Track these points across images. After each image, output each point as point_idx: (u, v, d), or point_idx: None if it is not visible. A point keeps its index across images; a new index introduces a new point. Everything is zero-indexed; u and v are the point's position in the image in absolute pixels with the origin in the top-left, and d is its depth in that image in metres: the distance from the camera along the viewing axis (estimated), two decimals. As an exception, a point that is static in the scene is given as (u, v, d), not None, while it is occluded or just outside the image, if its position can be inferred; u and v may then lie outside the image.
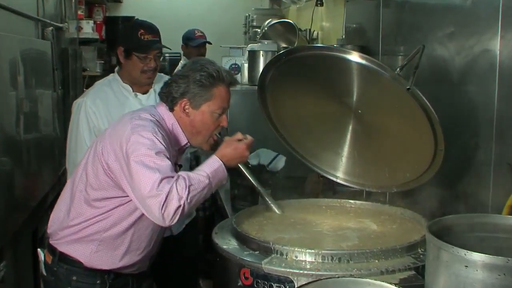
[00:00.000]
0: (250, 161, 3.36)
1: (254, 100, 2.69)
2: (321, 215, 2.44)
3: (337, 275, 1.79)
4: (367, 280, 1.68)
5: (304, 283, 1.72)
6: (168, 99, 2.22)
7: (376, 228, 2.29)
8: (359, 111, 2.44)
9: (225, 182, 2.17)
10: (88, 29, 6.26)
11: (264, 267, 1.89)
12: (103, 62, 6.72)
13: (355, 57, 2.22)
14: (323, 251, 1.90)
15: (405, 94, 2.11)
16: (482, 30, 2.19)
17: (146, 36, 2.79)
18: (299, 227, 2.30)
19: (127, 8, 8.13)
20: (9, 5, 3.04)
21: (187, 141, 2.25)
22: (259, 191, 2.49)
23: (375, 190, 2.58)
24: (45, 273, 2.26)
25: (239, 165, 2.53)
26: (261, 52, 4.03)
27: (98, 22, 6.87)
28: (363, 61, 2.19)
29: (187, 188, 1.93)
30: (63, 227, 2.21)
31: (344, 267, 1.86)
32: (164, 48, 2.86)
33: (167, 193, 1.90)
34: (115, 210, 2.14)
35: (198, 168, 2.08)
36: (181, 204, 1.91)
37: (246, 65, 4.20)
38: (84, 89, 5.02)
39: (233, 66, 4.48)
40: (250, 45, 4.35)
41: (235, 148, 2.18)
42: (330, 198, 2.65)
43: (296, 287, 1.84)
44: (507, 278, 1.42)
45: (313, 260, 1.89)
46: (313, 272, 1.84)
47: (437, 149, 2.17)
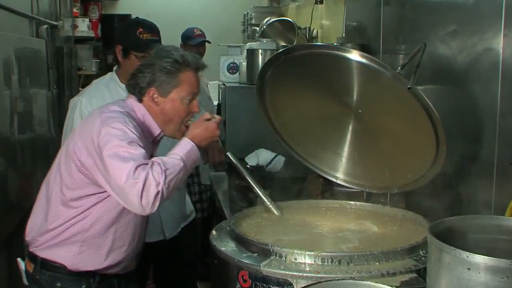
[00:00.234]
0: (249, 161, 3.37)
1: (253, 100, 2.69)
2: (321, 217, 2.44)
3: (337, 278, 1.79)
4: (368, 282, 1.68)
5: (303, 285, 1.72)
6: (136, 90, 2.23)
7: (376, 229, 2.29)
8: (359, 110, 2.44)
9: (198, 163, 2.18)
10: (83, 27, 6.27)
11: (263, 270, 1.88)
12: (98, 60, 6.73)
13: (355, 55, 2.21)
14: (323, 253, 1.90)
15: (406, 93, 2.11)
16: (485, 28, 2.19)
17: (145, 35, 2.79)
18: (299, 228, 2.29)
19: (123, 6, 8.13)
20: (3, 2, 3.05)
21: (160, 131, 2.25)
22: (258, 192, 2.49)
23: (375, 191, 2.57)
24: (26, 283, 2.23)
25: (238, 165, 2.54)
26: (260, 50, 4.03)
27: (94, 20, 6.88)
28: (364, 60, 2.19)
29: (163, 173, 1.94)
30: (42, 232, 2.19)
31: (344, 269, 1.86)
32: None
33: (144, 180, 1.90)
34: (93, 208, 2.13)
35: (170, 152, 2.09)
36: (159, 190, 1.92)
37: (245, 64, 4.20)
38: (80, 89, 5.03)
39: (231, 65, 4.48)
40: (248, 43, 4.35)
41: (205, 127, 2.18)
42: (330, 199, 2.65)
43: (295, 290, 1.84)
44: (511, 281, 1.41)
45: (313, 262, 1.89)
46: (313, 275, 1.83)
47: (439, 149, 2.17)
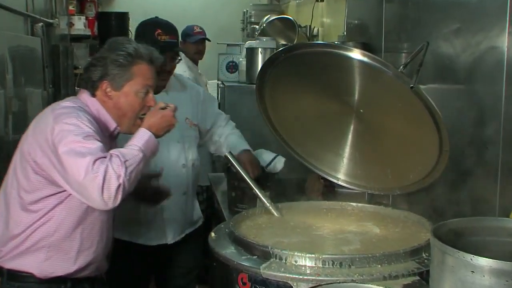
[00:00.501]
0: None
1: (252, 99, 2.69)
2: (322, 218, 2.44)
3: (338, 281, 1.78)
4: (369, 285, 1.68)
5: (304, 289, 1.72)
6: (88, 84, 2.22)
7: (378, 231, 2.29)
8: (361, 110, 2.44)
9: (156, 153, 2.17)
10: (79, 25, 6.27)
11: (263, 272, 1.88)
12: (95, 59, 6.71)
13: (356, 54, 2.21)
14: (324, 256, 1.90)
15: (408, 92, 2.11)
16: (489, 26, 2.19)
17: (163, 37, 2.79)
18: (299, 230, 2.29)
19: (121, 3, 8.14)
20: (-3, 0, 3.04)
21: (116, 125, 2.24)
22: (257, 193, 2.49)
23: (377, 192, 2.58)
24: None
25: (237, 166, 2.54)
26: (260, 49, 4.04)
27: (90, 18, 6.87)
28: (365, 59, 2.19)
29: (123, 165, 1.93)
30: (4, 241, 2.15)
31: (345, 272, 1.86)
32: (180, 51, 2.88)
33: (103, 173, 1.89)
34: (55, 211, 2.11)
35: (128, 144, 2.08)
36: (121, 183, 1.91)
37: (244, 63, 4.21)
38: (77, 88, 5.02)
39: (231, 64, 4.48)
40: (248, 42, 4.35)
41: (161, 116, 2.18)
42: (331, 200, 2.65)
43: (295, 293, 1.84)
44: (515, 283, 1.42)
45: (313, 265, 1.89)
46: (313, 278, 1.83)
47: (442, 149, 2.17)
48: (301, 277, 1.84)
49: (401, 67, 2.16)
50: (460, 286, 1.49)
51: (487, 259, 1.45)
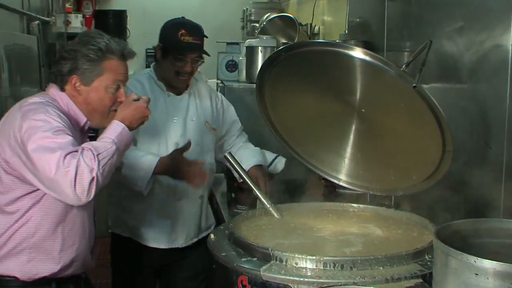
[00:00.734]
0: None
1: (252, 99, 2.69)
2: (323, 220, 2.44)
3: (339, 283, 1.79)
4: (372, 288, 1.68)
5: (305, 291, 1.72)
6: (58, 78, 2.21)
7: (380, 233, 2.29)
8: (363, 110, 2.44)
9: (130, 145, 2.16)
10: (76, 23, 6.26)
11: (263, 275, 1.88)
12: (92, 58, 6.72)
13: (358, 53, 2.21)
14: (325, 258, 1.90)
15: (411, 92, 2.11)
16: (493, 24, 2.19)
17: (186, 38, 2.82)
18: (300, 232, 2.29)
19: (118, 1, 8.14)
20: (-8, -2, 3.04)
21: (86, 120, 2.23)
22: (258, 194, 2.49)
23: (379, 193, 2.57)
24: None
25: (237, 167, 2.53)
26: (260, 48, 4.03)
27: (87, 16, 6.87)
28: (367, 57, 2.19)
29: (95, 158, 1.91)
30: None
31: (347, 274, 1.86)
32: (204, 54, 2.92)
33: (75, 167, 1.87)
34: (32, 211, 2.11)
35: (100, 136, 2.06)
36: (94, 176, 1.89)
37: (244, 62, 4.20)
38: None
39: (230, 63, 4.48)
40: (248, 40, 4.35)
41: (135, 108, 2.16)
42: (332, 201, 2.65)
43: (296, 296, 1.84)
44: (520, 286, 1.42)
45: (314, 267, 1.89)
46: (314, 280, 1.83)
47: (445, 150, 2.17)
48: (302, 279, 1.84)
49: (404, 66, 2.16)
50: (464, 288, 1.49)
51: (491, 261, 1.45)
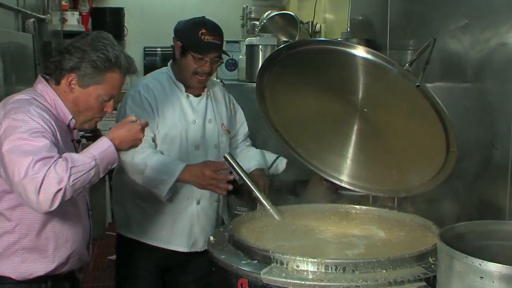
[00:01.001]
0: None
1: (252, 98, 2.69)
2: (324, 222, 2.44)
3: (341, 286, 1.79)
4: (374, 291, 1.68)
5: (306, 295, 1.72)
6: (57, 70, 2.20)
7: (383, 235, 2.29)
8: (365, 109, 2.44)
9: (115, 165, 2.13)
10: (73, 21, 6.27)
11: (263, 278, 1.88)
12: (89, 56, 6.72)
13: (360, 51, 2.21)
14: (327, 260, 1.90)
15: (414, 91, 2.11)
16: (498, 22, 2.19)
17: (207, 37, 2.83)
18: (301, 234, 2.30)
19: (116, -2, 8.13)
20: (-13, -6, 3.04)
21: (71, 117, 2.23)
22: (258, 195, 2.49)
23: (382, 195, 2.58)
24: None
25: (237, 168, 2.53)
26: (260, 46, 4.03)
27: (84, 14, 6.87)
28: (370, 56, 2.19)
29: (68, 170, 1.91)
30: None
31: (349, 277, 1.86)
32: (224, 54, 2.92)
33: (43, 175, 1.88)
34: (18, 212, 2.10)
35: (85, 150, 2.06)
36: (61, 187, 1.89)
37: (244, 61, 4.20)
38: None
39: (230, 62, 4.47)
40: (248, 39, 4.35)
41: (129, 129, 2.14)
42: (334, 203, 2.65)
43: (297, 299, 1.84)
44: (526, 289, 1.42)
45: (316, 270, 1.89)
46: (316, 283, 1.83)
47: (449, 151, 2.17)
48: (303, 282, 1.84)
49: (407, 64, 2.16)
50: (469, 292, 1.49)
51: (497, 264, 1.45)
